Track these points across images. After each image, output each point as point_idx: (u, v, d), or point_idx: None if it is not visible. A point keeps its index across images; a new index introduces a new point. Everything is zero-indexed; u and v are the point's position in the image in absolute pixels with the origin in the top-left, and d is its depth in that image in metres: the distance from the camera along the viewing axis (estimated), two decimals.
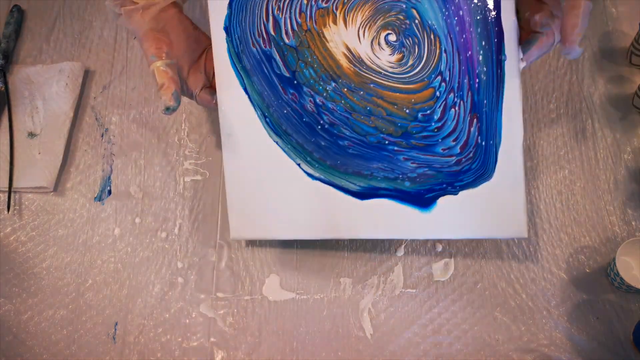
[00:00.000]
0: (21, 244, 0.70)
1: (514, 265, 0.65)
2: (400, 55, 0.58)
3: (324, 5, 0.59)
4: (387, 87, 0.59)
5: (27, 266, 0.68)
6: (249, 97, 0.61)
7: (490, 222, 0.60)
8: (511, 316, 0.63)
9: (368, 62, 0.59)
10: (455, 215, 0.60)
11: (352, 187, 0.61)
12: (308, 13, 0.59)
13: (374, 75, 0.59)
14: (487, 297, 0.64)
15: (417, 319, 0.64)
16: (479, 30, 0.56)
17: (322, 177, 0.61)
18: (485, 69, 0.56)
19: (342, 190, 0.61)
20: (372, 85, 0.59)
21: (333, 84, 0.59)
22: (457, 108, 0.58)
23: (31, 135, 0.74)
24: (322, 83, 0.60)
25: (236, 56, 0.61)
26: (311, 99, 0.60)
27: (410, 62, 0.58)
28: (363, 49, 0.59)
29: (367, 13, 0.58)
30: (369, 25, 0.59)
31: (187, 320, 0.65)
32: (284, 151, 0.62)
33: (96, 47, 0.81)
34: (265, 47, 0.61)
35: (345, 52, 0.59)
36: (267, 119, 0.61)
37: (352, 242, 0.68)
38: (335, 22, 0.59)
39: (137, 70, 0.79)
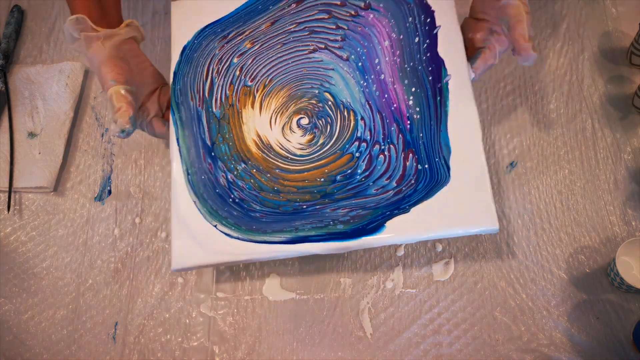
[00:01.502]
0: (21, 244, 0.70)
1: (514, 265, 0.65)
2: (312, 135, 0.62)
3: (249, 83, 0.64)
4: (293, 171, 0.61)
5: (27, 266, 0.68)
6: (179, 150, 0.63)
7: (458, 220, 0.57)
8: (511, 316, 0.63)
9: (276, 148, 0.62)
10: (418, 222, 0.58)
11: (277, 239, 0.59)
12: (236, 86, 0.64)
13: (280, 161, 0.61)
14: (487, 297, 0.64)
15: (417, 319, 0.64)
16: (406, 81, 0.62)
17: (239, 236, 0.59)
18: (418, 109, 0.61)
19: (265, 242, 0.59)
20: (277, 171, 0.61)
21: (243, 165, 0.62)
22: (386, 153, 0.60)
23: (31, 135, 0.74)
24: (233, 162, 0.62)
25: (176, 105, 0.64)
26: (223, 174, 0.62)
27: (321, 141, 0.61)
28: (273, 135, 0.62)
29: (281, 100, 0.63)
30: (281, 112, 0.63)
31: (187, 320, 0.65)
32: (201, 212, 0.60)
33: None
34: (199, 106, 0.64)
35: (255, 138, 0.62)
36: (189, 177, 0.62)
37: None
38: (252, 106, 0.63)
39: None
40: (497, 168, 0.71)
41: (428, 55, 0.62)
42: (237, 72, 0.64)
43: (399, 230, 0.57)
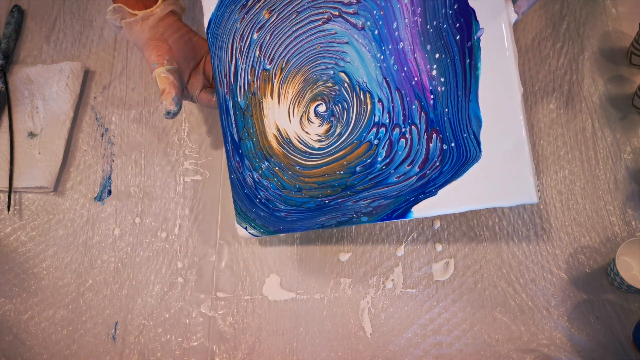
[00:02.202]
0: (21, 244, 0.70)
1: (514, 265, 0.65)
2: (329, 125, 0.58)
3: (268, 66, 0.60)
4: (312, 167, 0.59)
5: (27, 266, 0.68)
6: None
7: (491, 196, 0.53)
8: (511, 316, 0.63)
9: (296, 142, 0.60)
10: (446, 203, 0.55)
11: None
12: (257, 69, 0.60)
13: (299, 157, 0.60)
14: (487, 297, 0.64)
15: (417, 319, 0.64)
16: (428, 47, 0.53)
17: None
18: (442, 79, 0.53)
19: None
20: (297, 168, 0.60)
21: (266, 163, 0.61)
22: (408, 136, 0.55)
23: (31, 135, 0.74)
24: (258, 160, 0.61)
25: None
26: (250, 174, 0.61)
27: (338, 131, 0.58)
28: (292, 128, 0.60)
29: (297, 86, 0.59)
30: (298, 101, 0.59)
31: (187, 320, 0.65)
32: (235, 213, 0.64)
33: (96, 47, 0.81)
34: (227, 94, 0.62)
35: (276, 133, 0.60)
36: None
37: (352, 242, 0.68)
38: (272, 96, 0.60)
39: (137, 70, 0.79)
40: None
41: (455, 7, 0.51)
42: (257, 53, 0.60)
43: (426, 211, 0.55)
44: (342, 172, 0.58)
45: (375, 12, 0.55)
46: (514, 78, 0.51)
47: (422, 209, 0.55)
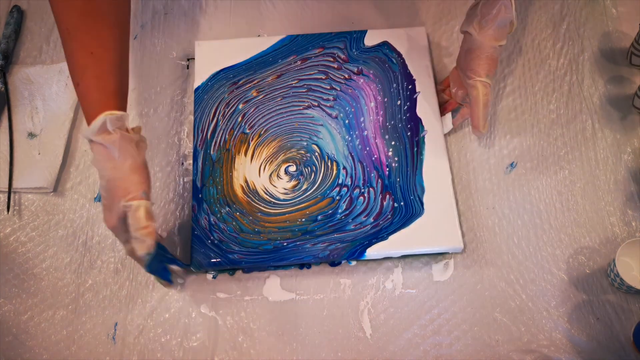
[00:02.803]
0: (21, 245, 0.70)
1: (514, 265, 0.65)
2: (296, 182, 0.67)
3: (247, 130, 0.70)
4: (274, 214, 0.66)
5: (27, 266, 0.68)
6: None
7: (430, 242, 0.64)
8: (511, 317, 0.63)
9: (261, 193, 0.67)
10: (395, 246, 0.64)
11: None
12: (236, 131, 0.70)
13: (263, 205, 0.66)
14: (487, 298, 0.64)
15: (417, 319, 0.64)
16: (386, 137, 0.69)
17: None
18: (396, 158, 0.68)
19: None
20: (259, 214, 0.66)
21: (227, 209, 0.65)
22: (366, 195, 0.66)
23: (31, 135, 0.74)
24: (218, 206, 0.66)
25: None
26: (206, 217, 0.65)
27: (304, 187, 0.67)
28: (260, 182, 0.67)
29: (272, 149, 0.69)
30: (270, 160, 0.69)
31: (187, 320, 0.65)
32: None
33: None
34: (199, 146, 0.68)
35: (243, 184, 0.67)
36: None
37: None
38: (246, 154, 0.69)
39: (137, 71, 0.79)
40: (497, 168, 0.71)
41: (408, 115, 0.70)
42: (239, 119, 0.70)
43: (379, 253, 0.64)
44: (303, 220, 0.65)
45: (347, 108, 0.71)
46: (446, 165, 0.68)
47: (374, 251, 0.63)
